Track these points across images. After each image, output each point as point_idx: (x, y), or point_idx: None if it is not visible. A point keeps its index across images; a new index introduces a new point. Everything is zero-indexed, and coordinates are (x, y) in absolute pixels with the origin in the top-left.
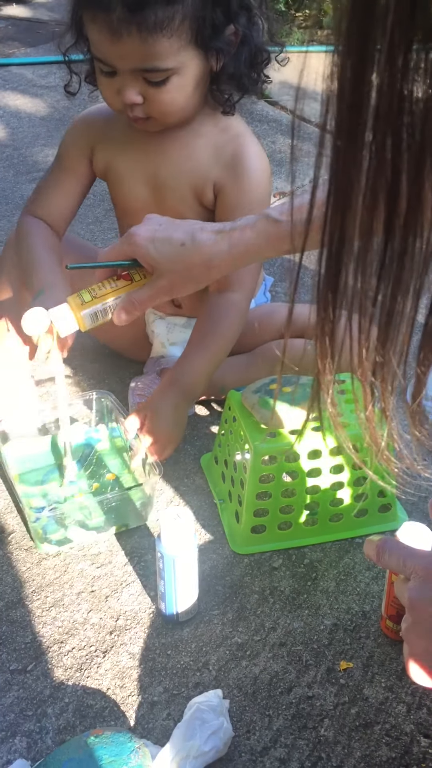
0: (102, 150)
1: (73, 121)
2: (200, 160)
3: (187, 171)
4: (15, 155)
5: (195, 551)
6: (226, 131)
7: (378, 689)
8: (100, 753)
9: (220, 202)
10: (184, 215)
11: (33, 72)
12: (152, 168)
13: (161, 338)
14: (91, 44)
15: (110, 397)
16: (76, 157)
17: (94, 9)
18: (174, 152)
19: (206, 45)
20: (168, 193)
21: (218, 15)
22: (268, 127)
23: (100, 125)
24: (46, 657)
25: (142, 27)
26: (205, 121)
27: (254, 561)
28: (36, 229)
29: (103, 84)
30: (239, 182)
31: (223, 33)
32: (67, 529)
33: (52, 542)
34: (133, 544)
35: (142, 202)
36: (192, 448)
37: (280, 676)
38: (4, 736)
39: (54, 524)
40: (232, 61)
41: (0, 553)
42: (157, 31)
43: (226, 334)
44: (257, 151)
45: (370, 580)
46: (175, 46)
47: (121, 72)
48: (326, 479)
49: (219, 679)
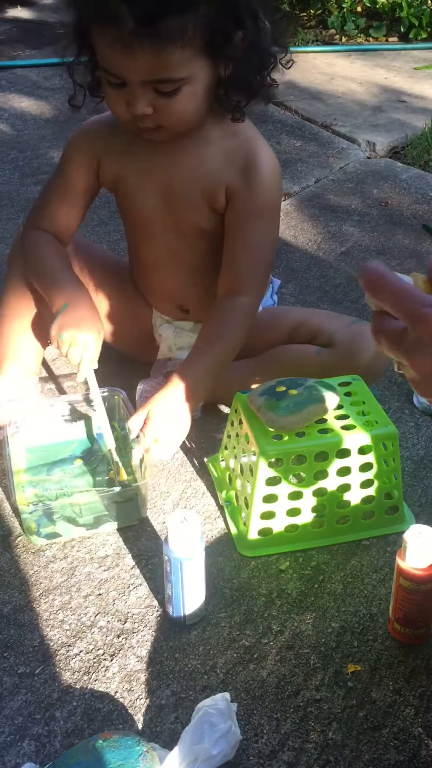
0: (108, 162)
1: (75, 133)
2: (212, 166)
3: (199, 177)
4: (20, 157)
5: (202, 554)
6: (235, 135)
7: (386, 692)
8: (109, 757)
9: (232, 206)
10: (195, 221)
11: (38, 74)
12: (164, 177)
13: (168, 342)
14: (99, 57)
15: (121, 393)
16: (79, 171)
17: (103, 22)
18: (185, 160)
19: (217, 53)
20: (180, 201)
21: (229, 22)
22: (272, 128)
23: (103, 136)
24: (53, 660)
25: (154, 40)
26: (213, 127)
27: (261, 563)
28: (46, 241)
29: (111, 96)
30: (252, 186)
31: (232, 40)
32: (55, 524)
33: (41, 535)
34: (140, 546)
35: (154, 212)
36: (198, 451)
37: (287, 679)
38: (12, 739)
39: (45, 518)
40: (241, 67)
41: (7, 556)
42: (170, 42)
43: (234, 336)
44: (268, 154)
45: (378, 582)
46: (188, 56)
47: (131, 83)
48: (333, 481)
49: (226, 682)
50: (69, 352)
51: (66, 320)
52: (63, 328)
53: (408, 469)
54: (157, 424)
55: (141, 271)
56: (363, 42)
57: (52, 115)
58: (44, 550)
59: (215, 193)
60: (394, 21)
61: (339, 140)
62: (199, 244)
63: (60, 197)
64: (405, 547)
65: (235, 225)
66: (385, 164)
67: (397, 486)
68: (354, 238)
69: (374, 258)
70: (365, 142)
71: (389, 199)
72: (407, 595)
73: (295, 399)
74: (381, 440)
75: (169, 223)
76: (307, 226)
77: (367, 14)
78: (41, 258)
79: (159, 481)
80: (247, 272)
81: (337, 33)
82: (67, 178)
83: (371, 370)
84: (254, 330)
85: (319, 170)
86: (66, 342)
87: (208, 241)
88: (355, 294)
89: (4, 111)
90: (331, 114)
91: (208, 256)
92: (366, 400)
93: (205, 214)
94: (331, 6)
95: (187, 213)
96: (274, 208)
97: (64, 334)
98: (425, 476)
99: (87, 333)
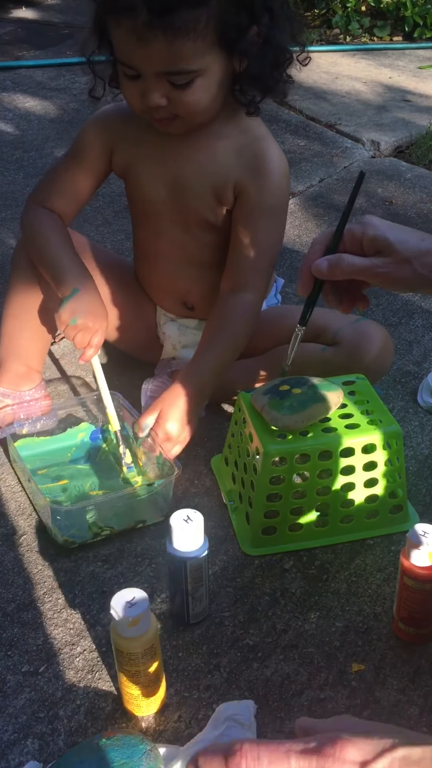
0: (121, 150)
1: (93, 117)
2: (222, 162)
3: (208, 172)
4: (25, 157)
5: (206, 553)
6: (246, 133)
7: (390, 691)
8: (112, 755)
9: (240, 202)
10: (202, 215)
11: (42, 74)
12: (174, 169)
13: (173, 341)
14: (115, 48)
15: (118, 396)
16: (94, 153)
17: (118, 14)
18: (196, 154)
19: (230, 47)
20: (188, 194)
21: (243, 16)
22: (277, 127)
23: (119, 125)
24: (57, 659)
25: (167, 31)
26: (226, 123)
27: (265, 562)
28: (51, 224)
29: (126, 87)
30: (260, 183)
31: (246, 34)
32: (86, 525)
33: (71, 536)
34: (144, 545)
35: (162, 204)
36: (202, 450)
37: (291, 678)
38: (16, 738)
39: (73, 520)
40: (256, 62)
41: (12, 555)
42: (183, 34)
43: (239, 334)
44: (278, 153)
45: (382, 581)
46: (201, 48)
47: (146, 75)
48: (337, 481)
49: (230, 682)
50: (77, 336)
51: (76, 305)
52: (74, 312)
53: (412, 468)
54: (169, 423)
55: (146, 265)
56: (367, 41)
57: (57, 115)
58: (48, 548)
59: (224, 188)
60: (399, 20)
61: (343, 140)
62: (205, 239)
63: (70, 176)
64: (409, 546)
65: (242, 221)
66: (389, 163)
67: (402, 485)
68: None
69: None
70: (369, 142)
71: (394, 198)
72: (412, 595)
73: (299, 398)
74: (385, 439)
75: (176, 216)
76: (311, 226)
77: (371, 14)
78: (47, 240)
79: None
80: (252, 269)
81: (341, 32)
82: (79, 158)
83: (376, 368)
84: (258, 329)
85: (323, 170)
86: (77, 327)
87: (214, 235)
88: None
89: (8, 111)
90: (336, 113)
91: (213, 251)
92: (370, 399)
93: (213, 209)
94: (335, 5)
95: (195, 206)
96: (281, 207)
97: (77, 319)
98: (430, 475)
99: (97, 320)
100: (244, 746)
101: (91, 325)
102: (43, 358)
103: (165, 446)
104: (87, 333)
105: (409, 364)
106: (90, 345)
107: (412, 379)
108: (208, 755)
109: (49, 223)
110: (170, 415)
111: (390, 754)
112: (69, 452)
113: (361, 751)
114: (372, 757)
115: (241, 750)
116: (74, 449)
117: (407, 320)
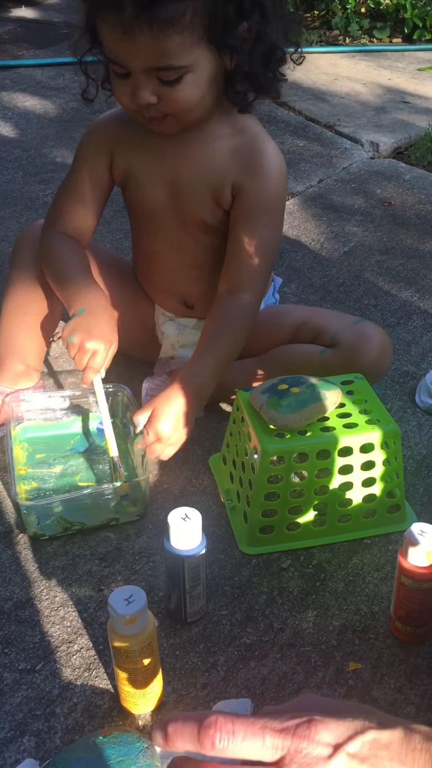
0: (120, 156)
1: (88, 130)
2: (219, 162)
3: (206, 173)
4: (24, 156)
5: (203, 551)
6: (243, 132)
7: (387, 690)
8: (109, 753)
9: (237, 202)
10: (201, 216)
11: (42, 73)
12: (171, 171)
13: (171, 340)
14: (104, 46)
15: (126, 390)
16: (96, 166)
17: (105, 10)
18: (193, 155)
19: (219, 42)
20: (186, 196)
21: (230, 11)
22: (276, 128)
23: (115, 131)
24: (54, 657)
25: (153, 24)
26: (222, 123)
27: (262, 561)
28: (65, 244)
29: (117, 86)
30: (258, 183)
31: (236, 30)
32: (55, 517)
33: (41, 529)
34: (142, 544)
35: (161, 206)
36: (200, 449)
37: (288, 677)
38: (12, 735)
39: (44, 512)
40: (246, 59)
41: (9, 552)
42: (168, 27)
43: (237, 335)
44: (275, 152)
45: (379, 581)
46: (187, 42)
47: (135, 73)
48: (335, 480)
49: (227, 680)
50: (76, 356)
51: (78, 324)
52: (73, 331)
53: (410, 467)
54: (160, 423)
55: (144, 266)
56: (367, 43)
57: (56, 114)
58: (45, 546)
59: (221, 189)
60: (398, 22)
61: (342, 140)
62: (204, 239)
63: (75, 198)
64: (407, 546)
65: (239, 221)
66: (388, 164)
67: (399, 485)
68: (357, 238)
69: (377, 257)
70: (369, 143)
71: (392, 200)
72: (409, 594)
73: (298, 397)
74: (383, 439)
75: (174, 217)
76: (310, 226)
77: (371, 15)
78: (61, 261)
79: (161, 478)
80: (250, 269)
81: (341, 34)
82: (80, 178)
83: (375, 371)
84: (257, 329)
85: (322, 170)
86: (74, 346)
87: (212, 236)
88: (357, 293)
89: (8, 110)
90: (335, 114)
91: (212, 251)
92: (368, 399)
93: (211, 210)
94: (335, 7)
95: (193, 207)
96: (278, 207)
97: (74, 338)
98: (427, 475)
99: (96, 341)
100: (219, 719)
101: (89, 346)
102: (41, 357)
103: (154, 447)
104: (83, 353)
105: (407, 364)
106: (88, 366)
107: (410, 379)
108: (179, 723)
109: (62, 246)
110: (163, 415)
111: (361, 737)
112: (72, 440)
113: (333, 733)
114: (344, 740)
115: (216, 723)
116: (78, 437)
117: (405, 321)
